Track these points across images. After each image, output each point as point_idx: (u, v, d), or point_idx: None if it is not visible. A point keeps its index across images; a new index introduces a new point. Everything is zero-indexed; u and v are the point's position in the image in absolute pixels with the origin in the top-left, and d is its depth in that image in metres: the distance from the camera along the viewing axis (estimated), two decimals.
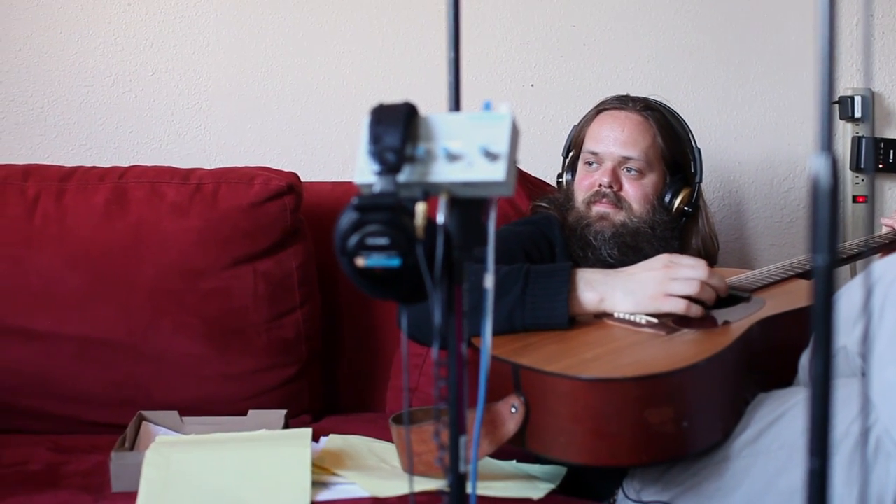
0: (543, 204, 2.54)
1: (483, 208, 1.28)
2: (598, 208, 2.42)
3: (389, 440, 2.05)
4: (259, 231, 2.49)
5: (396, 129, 1.26)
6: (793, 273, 2.30)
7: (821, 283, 1.13)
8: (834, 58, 1.10)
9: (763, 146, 3.06)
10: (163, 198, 2.49)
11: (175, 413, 2.28)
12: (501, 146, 1.26)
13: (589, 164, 2.47)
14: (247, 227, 2.48)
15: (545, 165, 2.87)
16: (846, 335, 1.85)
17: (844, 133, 3.02)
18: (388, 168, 1.24)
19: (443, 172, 1.25)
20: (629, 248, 2.38)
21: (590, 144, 2.47)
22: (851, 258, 2.44)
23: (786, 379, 2.02)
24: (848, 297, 1.84)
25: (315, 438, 2.09)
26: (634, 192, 2.42)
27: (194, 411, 2.33)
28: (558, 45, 3.01)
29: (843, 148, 3.03)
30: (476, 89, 2.93)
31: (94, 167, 2.60)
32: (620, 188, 2.42)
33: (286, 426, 2.24)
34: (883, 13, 3.05)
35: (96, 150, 2.90)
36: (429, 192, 1.25)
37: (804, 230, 3.07)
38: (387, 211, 1.20)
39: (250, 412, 2.29)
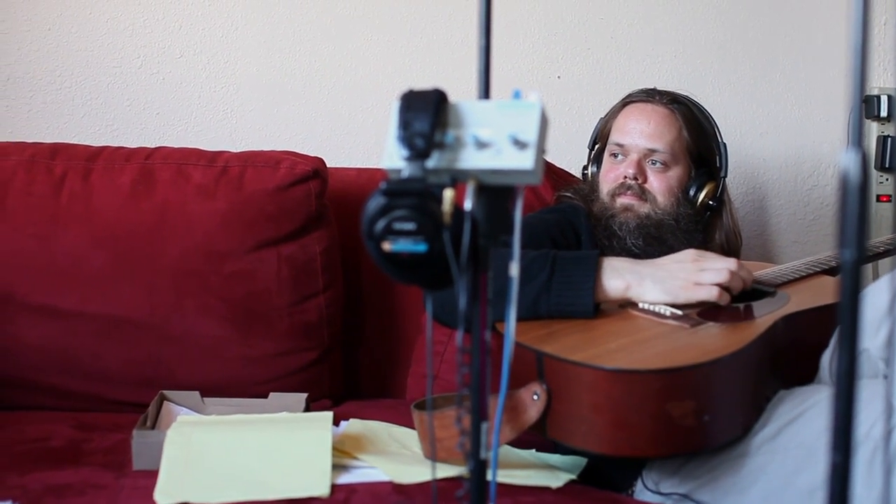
0: (568, 194, 2.54)
1: (510, 196, 1.29)
2: (623, 200, 2.42)
3: (410, 426, 2.06)
4: (284, 215, 2.49)
5: (426, 115, 1.26)
6: (818, 269, 2.31)
7: (848, 278, 1.13)
8: (866, 54, 1.10)
9: (788, 143, 3.05)
10: (189, 179, 2.50)
11: (196, 393, 2.29)
12: (530, 135, 1.27)
13: (614, 156, 2.47)
14: (272, 211, 2.48)
15: (570, 157, 2.87)
16: (869, 338, 1.85)
17: (870, 132, 3.00)
18: (417, 154, 1.25)
19: (471, 159, 1.26)
20: (654, 238, 2.38)
21: (616, 136, 2.48)
22: (877, 256, 2.44)
23: (807, 377, 2.02)
24: (872, 300, 1.83)
25: (335, 423, 2.08)
26: (659, 184, 2.42)
27: (215, 392, 2.34)
28: (585, 37, 3.01)
29: (869, 147, 2.99)
30: (502, 80, 2.83)
31: (120, 147, 2.61)
32: (645, 180, 2.42)
33: (307, 410, 2.25)
34: None
35: (123, 131, 2.91)
36: (457, 179, 1.25)
37: (828, 228, 3.06)
38: (415, 196, 1.21)
39: (271, 395, 2.30)
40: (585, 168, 2.60)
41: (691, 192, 2.46)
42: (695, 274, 2.01)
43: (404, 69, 2.96)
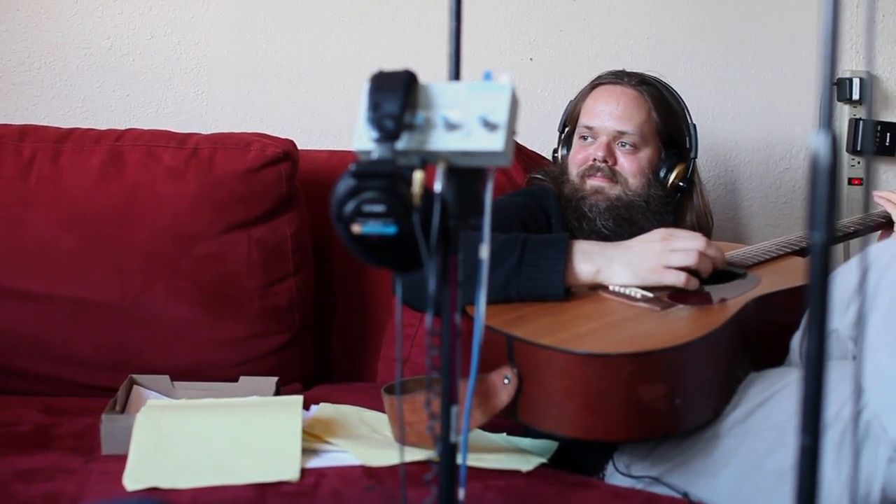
0: (539, 176, 2.54)
1: (480, 179, 1.29)
2: (593, 182, 2.42)
3: (381, 410, 2.05)
4: (254, 197, 2.48)
5: (396, 96, 1.26)
6: (788, 250, 2.31)
7: (817, 260, 1.13)
8: (837, 36, 1.10)
9: (760, 126, 3.06)
10: (158, 161, 2.48)
11: (166, 378, 2.27)
12: (500, 116, 1.27)
13: (584, 138, 2.47)
14: (242, 193, 2.47)
15: (542, 140, 2.85)
16: (838, 318, 1.85)
17: (842, 115, 3.02)
18: (387, 135, 1.24)
19: (441, 141, 1.26)
20: (624, 220, 2.38)
21: (585, 119, 2.47)
22: (846, 236, 2.44)
23: (778, 358, 2.03)
24: (841, 280, 1.82)
25: (306, 406, 2.09)
26: (629, 166, 2.42)
27: (186, 376, 2.31)
28: (557, 19, 3.00)
29: (840, 130, 3.02)
30: (474, 63, 2.80)
31: (90, 129, 2.58)
32: (615, 162, 2.42)
33: (277, 393, 2.23)
34: None
35: (92, 113, 2.88)
36: (427, 161, 1.26)
37: (800, 211, 3.07)
38: (384, 178, 1.21)
39: (241, 379, 2.27)
40: (556, 151, 2.59)
41: (661, 174, 2.46)
42: (663, 256, 2.00)
43: (375, 51, 2.94)
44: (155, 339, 2.44)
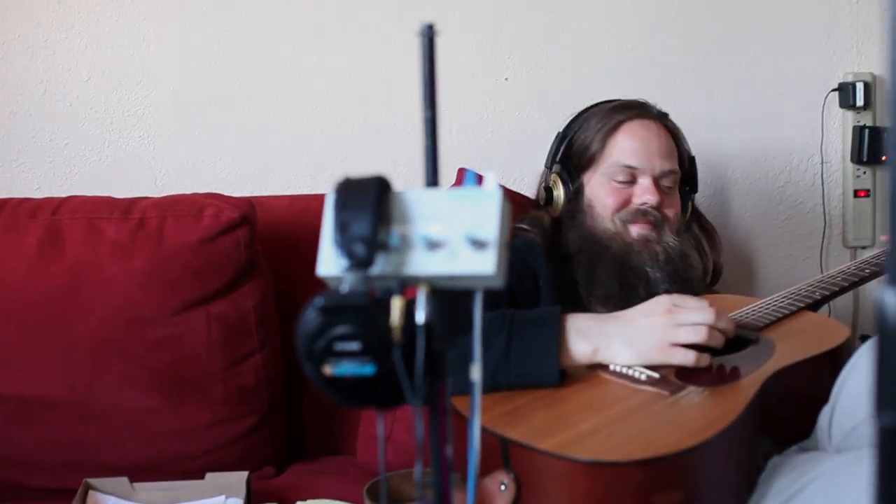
0: (524, 226, 2.31)
1: (470, 294, 1.10)
2: (638, 229, 2.22)
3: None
4: (211, 270, 2.28)
5: (366, 214, 1.07)
6: (801, 304, 2.11)
7: (887, 450, 0.94)
8: None
9: (757, 137, 2.85)
10: (102, 236, 2.28)
11: (125, 480, 2.10)
12: (490, 231, 1.08)
13: (618, 179, 2.25)
14: (197, 266, 2.27)
15: (521, 172, 2.66)
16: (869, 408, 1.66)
17: (845, 122, 2.82)
18: (358, 262, 1.06)
19: (422, 263, 1.08)
20: (680, 279, 2.20)
21: (623, 158, 2.25)
22: (860, 281, 2.24)
23: (801, 433, 1.84)
24: (870, 365, 1.66)
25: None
26: (673, 209, 2.27)
27: (147, 471, 2.17)
28: (533, 35, 2.78)
29: (844, 138, 2.84)
30: (443, 84, 2.68)
31: (24, 199, 2.40)
32: (662, 206, 2.25)
33: (249, 488, 2.07)
34: None
35: (29, 165, 2.67)
36: (406, 284, 1.07)
37: (802, 227, 2.88)
38: (357, 312, 1.04)
39: (208, 475, 2.10)
40: (549, 185, 2.36)
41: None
42: (669, 332, 1.81)
43: (335, 82, 2.73)
44: (109, 434, 2.26)
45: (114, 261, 2.26)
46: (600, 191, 2.27)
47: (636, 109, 2.31)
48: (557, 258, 2.25)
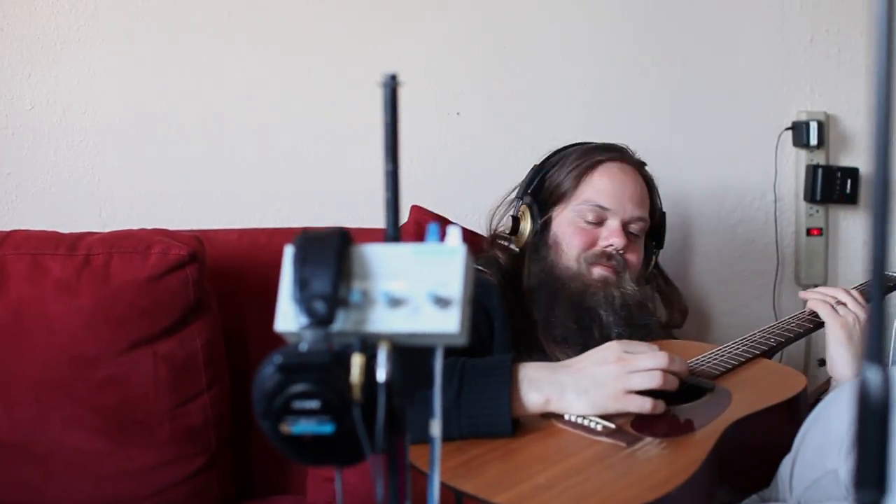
0: (479, 267, 2.26)
1: (431, 351, 1.08)
2: (600, 271, 2.21)
3: None
4: (158, 308, 2.21)
5: (326, 270, 1.05)
6: (757, 352, 2.08)
7: None
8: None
9: (711, 175, 2.85)
10: (47, 273, 2.20)
11: None
12: (454, 289, 1.06)
13: (587, 220, 2.23)
14: (144, 305, 2.20)
15: (472, 206, 2.62)
16: (837, 458, 1.65)
17: (798, 161, 2.84)
18: (318, 321, 1.03)
19: (383, 321, 1.06)
20: (636, 326, 2.18)
21: (596, 197, 2.23)
22: (787, 342, 2.23)
23: (759, 482, 1.84)
24: (839, 413, 1.64)
25: None
26: (636, 257, 2.26)
27: None
28: (484, 70, 2.75)
29: (797, 177, 2.85)
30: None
31: None
32: (626, 251, 2.22)
33: None
34: (839, 29, 2.84)
35: None
36: (367, 341, 1.05)
37: (755, 265, 2.88)
38: (318, 371, 1.02)
39: None
40: (517, 216, 2.33)
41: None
42: (623, 380, 1.78)
43: (288, 115, 2.68)
44: (53, 476, 2.18)
45: (58, 298, 2.18)
46: (567, 228, 2.25)
47: (616, 152, 2.30)
48: (514, 296, 2.22)
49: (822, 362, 2.17)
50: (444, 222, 2.51)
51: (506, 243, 2.35)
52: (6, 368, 2.17)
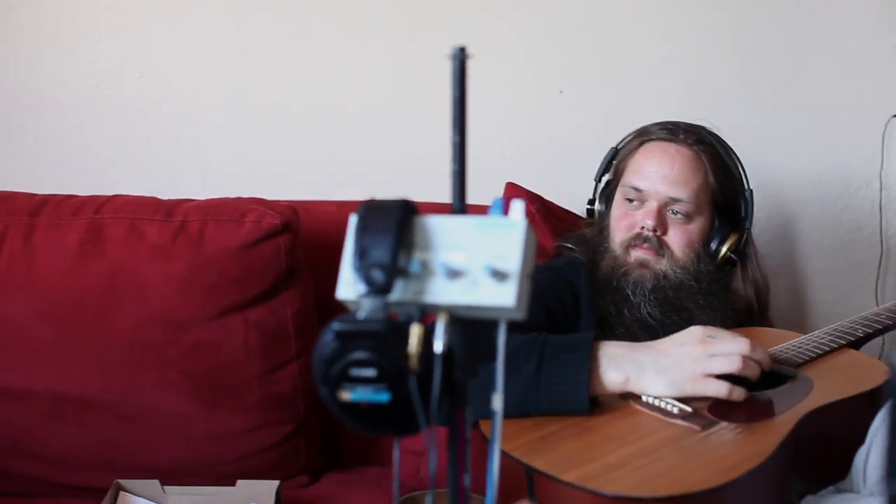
0: (570, 245, 2.28)
1: (494, 324, 1.08)
2: (638, 253, 2.16)
3: None
4: (250, 276, 2.26)
5: (386, 239, 1.06)
6: (843, 342, 2.04)
7: None
8: None
9: (816, 160, 2.78)
10: (143, 237, 2.26)
11: (156, 482, 2.10)
12: (512, 263, 1.06)
13: (630, 200, 2.20)
14: (236, 272, 2.25)
15: (572, 188, 2.62)
16: None
17: None
18: (376, 289, 1.04)
19: (441, 292, 1.05)
20: (672, 306, 2.13)
21: (633, 179, 2.20)
22: (892, 326, 2.17)
23: (837, 475, 1.79)
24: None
25: None
26: (679, 238, 2.16)
27: (180, 474, 2.17)
28: (590, 46, 2.73)
29: None
30: (497, 94, 2.69)
31: (68, 196, 2.38)
32: (665, 232, 2.16)
33: (278, 498, 2.07)
34: None
35: (79, 160, 2.70)
36: (426, 311, 1.05)
37: (860, 254, 2.81)
38: (374, 339, 1.02)
39: (239, 483, 2.10)
40: (591, 203, 2.34)
41: (713, 246, 2.21)
42: (703, 363, 1.76)
43: (386, 91, 2.71)
44: (143, 436, 2.25)
45: (153, 263, 2.24)
46: (615, 211, 2.24)
47: (665, 132, 2.24)
48: (597, 278, 2.21)
49: None
50: (537, 200, 2.51)
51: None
52: (101, 329, 2.23)
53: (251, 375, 2.27)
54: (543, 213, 2.47)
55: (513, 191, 2.47)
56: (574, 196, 2.59)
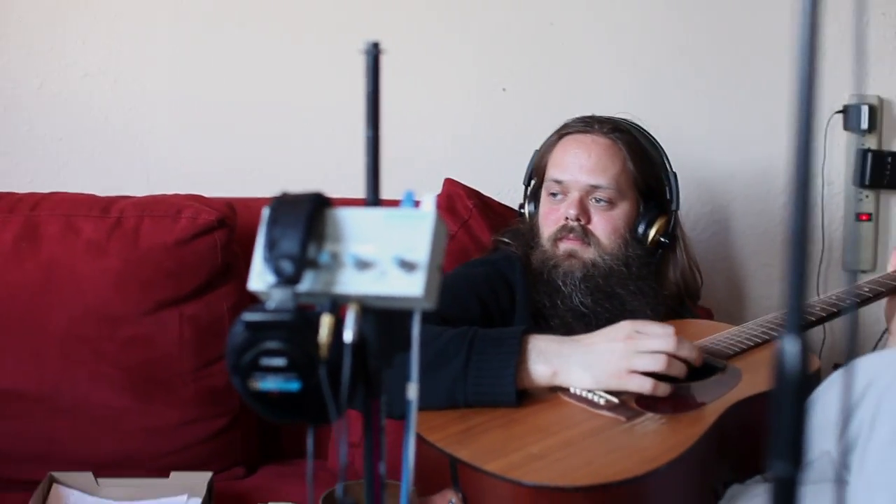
0: (505, 239, 2.30)
1: (409, 315, 1.09)
2: (566, 245, 2.18)
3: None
4: (185, 271, 2.28)
5: (296, 231, 1.07)
6: (775, 334, 2.04)
7: (780, 498, 0.91)
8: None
9: (758, 156, 2.78)
10: (79, 234, 2.28)
11: (90, 475, 2.10)
12: (421, 254, 1.07)
13: (553, 195, 2.22)
14: (171, 268, 2.27)
15: (514, 184, 2.60)
16: (831, 439, 1.64)
17: (848, 145, 2.78)
18: (285, 280, 1.06)
19: (351, 283, 1.07)
20: (603, 293, 2.15)
21: (553, 172, 2.23)
22: (863, 302, 2.18)
23: (763, 463, 1.78)
24: (835, 395, 1.62)
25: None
26: (604, 225, 2.18)
27: (115, 467, 2.17)
28: (533, 45, 2.74)
29: (847, 161, 2.79)
30: (440, 91, 2.71)
31: (6, 194, 2.40)
32: (588, 221, 2.18)
33: (210, 489, 2.08)
34: None
35: (24, 158, 2.69)
36: (338, 302, 1.06)
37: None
38: (283, 328, 1.04)
39: (172, 474, 2.11)
40: (521, 207, 2.36)
41: (640, 230, 2.22)
42: (627, 360, 1.78)
43: (325, 87, 2.70)
44: (78, 430, 2.25)
45: (88, 258, 2.26)
46: (543, 207, 2.27)
47: (581, 124, 2.27)
48: (531, 271, 2.23)
49: (837, 366, 2.13)
50: (476, 196, 2.53)
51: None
52: (36, 324, 2.24)
53: (186, 369, 2.28)
54: (482, 209, 2.48)
55: (451, 186, 2.48)
56: (515, 192, 2.59)
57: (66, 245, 2.27)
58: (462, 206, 2.49)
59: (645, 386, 1.76)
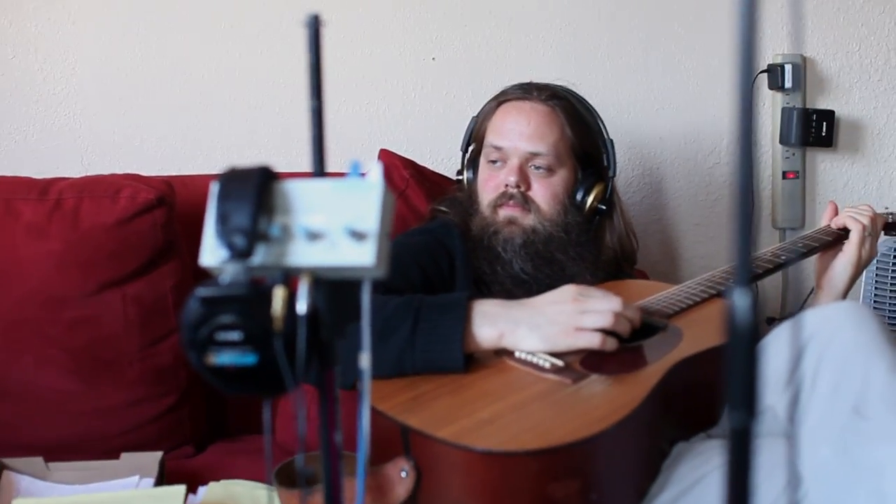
0: (443, 208, 2.32)
1: (358, 285, 1.11)
2: (505, 211, 2.20)
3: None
4: (127, 251, 2.27)
5: (246, 205, 1.08)
6: (713, 292, 2.09)
7: (736, 447, 0.94)
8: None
9: (686, 119, 2.84)
10: (18, 217, 2.26)
11: (39, 460, 2.09)
12: (370, 223, 1.08)
13: (493, 161, 2.24)
14: (113, 248, 2.25)
15: (446, 155, 2.65)
16: (775, 395, 1.69)
17: (774, 104, 2.83)
18: (238, 253, 1.07)
19: (302, 254, 1.08)
20: (544, 260, 2.18)
21: (492, 139, 2.24)
22: (801, 256, 2.23)
23: (708, 420, 1.84)
24: (778, 349, 1.65)
25: (193, 489, 1.93)
26: (543, 191, 2.20)
27: (65, 450, 2.16)
28: (461, 13, 2.75)
29: (773, 120, 2.84)
30: (370, 62, 2.72)
31: None
32: (528, 188, 2.20)
33: (162, 469, 2.07)
34: None
35: None
36: (290, 274, 1.08)
37: (730, 208, 2.84)
38: (237, 303, 1.05)
39: (123, 455, 2.09)
40: (460, 173, 2.38)
41: (578, 197, 2.25)
42: (574, 317, 1.80)
43: (264, 57, 2.70)
44: (26, 414, 2.24)
45: (29, 241, 2.24)
46: (482, 174, 2.28)
47: (520, 91, 2.29)
48: (470, 238, 2.25)
49: (770, 320, 2.17)
50: (411, 165, 2.54)
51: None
52: None
53: (131, 349, 2.28)
54: (418, 178, 2.50)
55: (386, 157, 2.50)
56: (449, 161, 2.63)
57: (5, 229, 2.25)
58: (398, 177, 2.51)
59: (594, 341, 1.78)
